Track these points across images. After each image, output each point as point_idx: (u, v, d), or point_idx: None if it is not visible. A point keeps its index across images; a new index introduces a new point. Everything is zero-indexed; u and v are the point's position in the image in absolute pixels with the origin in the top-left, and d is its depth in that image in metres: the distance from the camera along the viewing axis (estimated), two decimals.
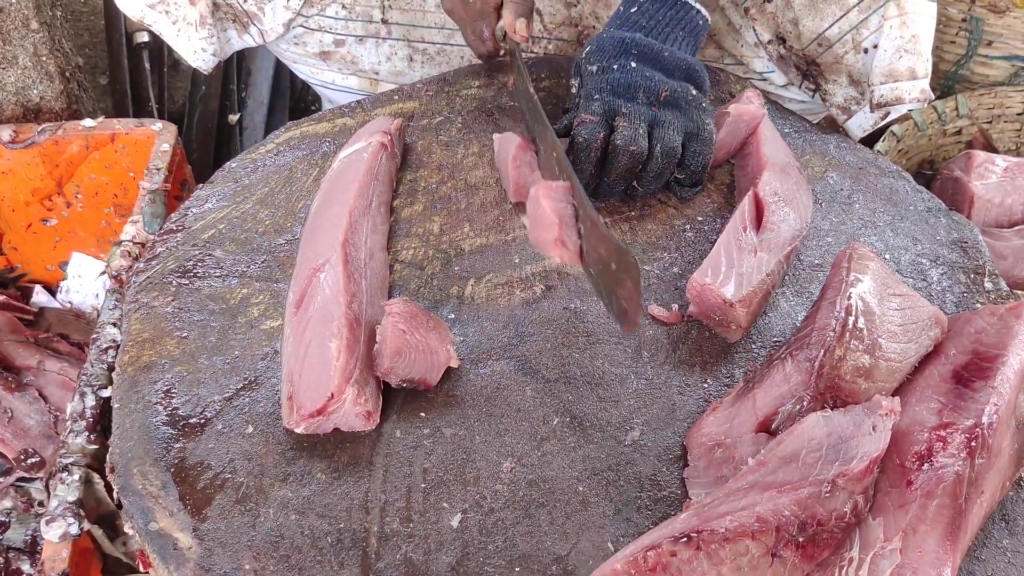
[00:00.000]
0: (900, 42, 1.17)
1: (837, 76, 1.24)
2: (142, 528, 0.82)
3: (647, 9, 1.12)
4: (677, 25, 1.11)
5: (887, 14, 1.18)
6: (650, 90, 1.06)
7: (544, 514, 0.81)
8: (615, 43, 1.09)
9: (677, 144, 1.04)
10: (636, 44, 1.09)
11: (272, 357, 0.93)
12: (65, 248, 1.48)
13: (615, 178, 1.05)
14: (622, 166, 1.03)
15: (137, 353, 0.94)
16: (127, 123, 1.36)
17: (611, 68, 1.08)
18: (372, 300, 0.93)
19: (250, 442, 0.87)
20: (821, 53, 1.23)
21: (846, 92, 1.24)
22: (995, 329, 0.89)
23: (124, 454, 0.86)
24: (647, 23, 1.11)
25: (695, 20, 1.13)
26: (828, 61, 1.23)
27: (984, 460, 0.78)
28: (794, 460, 0.77)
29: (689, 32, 1.12)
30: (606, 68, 1.08)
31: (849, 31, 1.20)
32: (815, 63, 1.24)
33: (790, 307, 0.99)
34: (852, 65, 1.22)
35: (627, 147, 1.02)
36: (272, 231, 1.06)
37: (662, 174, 1.06)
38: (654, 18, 1.11)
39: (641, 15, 1.12)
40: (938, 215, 1.11)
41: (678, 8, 1.12)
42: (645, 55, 1.08)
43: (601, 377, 0.92)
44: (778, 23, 1.26)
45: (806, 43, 1.23)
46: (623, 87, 1.06)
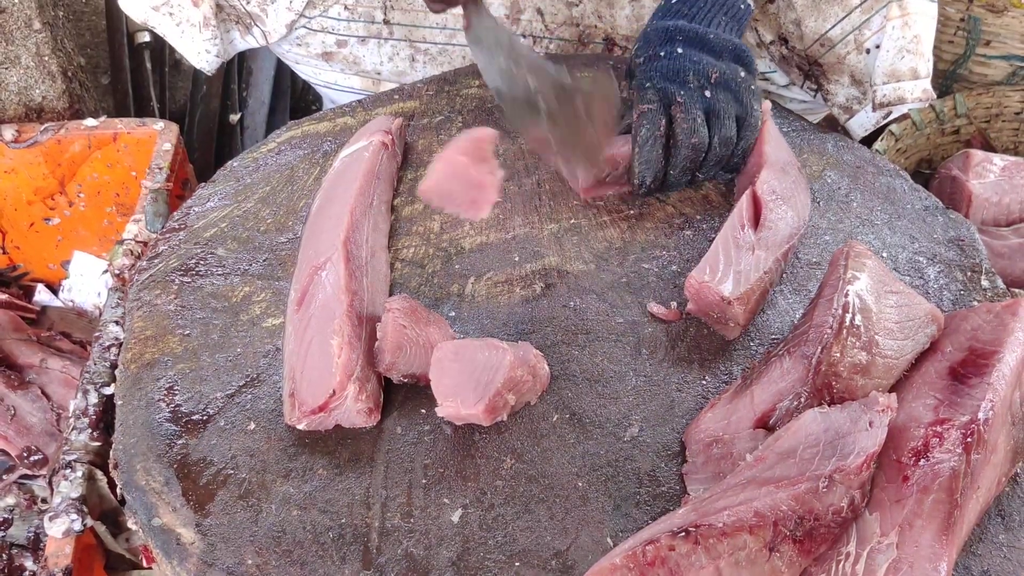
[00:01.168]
0: (902, 42, 1.17)
1: (839, 76, 1.24)
2: (145, 524, 0.82)
3: None
4: (720, 10, 1.12)
5: (889, 15, 1.18)
6: (700, 73, 1.07)
7: (544, 509, 0.82)
8: (659, 32, 1.10)
9: (733, 133, 1.06)
10: (680, 30, 1.10)
11: (274, 355, 0.94)
12: (67, 247, 1.49)
13: (680, 171, 1.07)
14: (685, 158, 1.05)
15: (140, 350, 0.95)
16: (129, 122, 1.37)
17: (658, 55, 1.09)
18: (373, 298, 0.94)
19: (252, 438, 0.87)
20: (823, 53, 1.24)
21: (848, 92, 1.25)
22: (991, 326, 0.89)
23: (127, 450, 0.87)
24: (689, 10, 1.12)
25: (737, 5, 1.14)
26: (830, 61, 1.24)
27: (980, 456, 0.79)
28: (791, 456, 0.78)
29: (732, 17, 1.13)
30: (653, 56, 1.09)
31: (851, 31, 1.21)
32: (817, 63, 1.25)
33: (788, 305, 1.00)
34: (854, 65, 1.22)
35: (688, 139, 1.04)
36: (274, 230, 1.07)
37: (721, 161, 1.08)
38: (696, 5, 1.12)
39: (683, 4, 1.13)
40: (935, 213, 1.12)
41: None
42: (691, 40, 1.09)
43: (600, 374, 0.93)
44: (780, 24, 1.26)
45: (808, 43, 1.24)
46: (673, 72, 1.07)
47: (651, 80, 1.07)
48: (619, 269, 1.03)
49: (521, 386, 0.86)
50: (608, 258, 1.04)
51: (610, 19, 1.39)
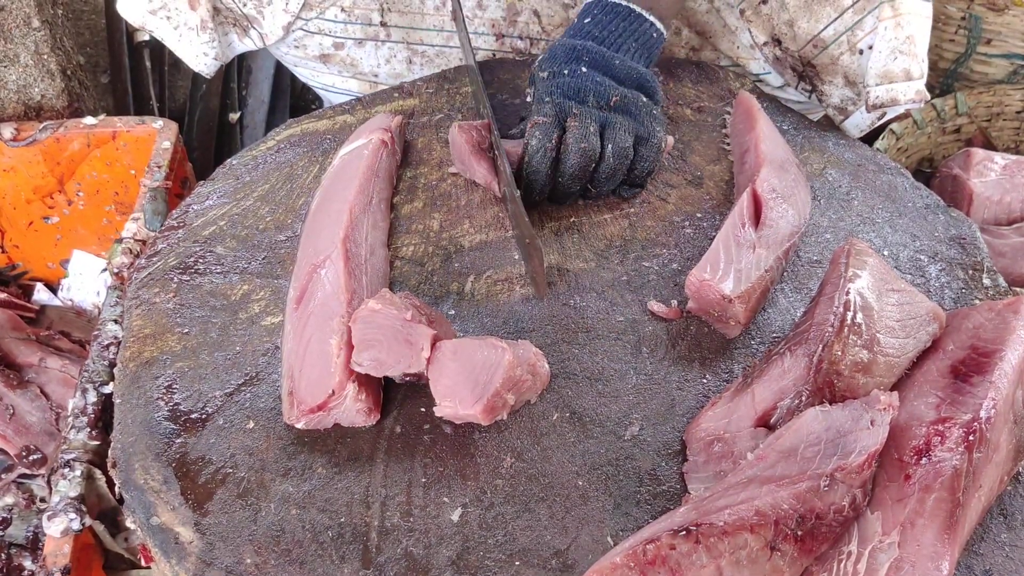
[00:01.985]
0: (895, 43, 1.17)
1: (833, 77, 1.24)
2: (144, 523, 0.82)
3: (600, 20, 1.13)
4: (630, 36, 1.12)
5: (881, 15, 1.18)
6: (600, 94, 1.06)
7: (544, 508, 0.82)
8: (566, 50, 1.10)
9: (628, 145, 1.04)
10: (587, 51, 1.09)
11: (273, 353, 0.94)
12: (66, 246, 1.48)
13: (569, 179, 1.05)
14: (575, 165, 1.03)
15: (139, 349, 0.95)
16: (128, 121, 1.36)
17: (562, 73, 1.08)
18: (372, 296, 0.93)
19: (251, 437, 0.87)
20: (817, 54, 1.23)
21: (842, 93, 1.24)
22: (993, 325, 0.89)
23: (126, 449, 0.87)
24: (599, 33, 1.12)
25: (648, 32, 1.13)
26: (824, 62, 1.23)
27: (982, 454, 0.79)
28: (793, 454, 0.78)
29: (642, 44, 1.13)
30: (556, 73, 1.08)
31: (844, 32, 1.20)
32: (811, 64, 1.25)
33: (789, 303, 1.00)
34: (848, 66, 1.22)
35: (578, 145, 1.02)
36: (273, 228, 1.07)
37: (615, 175, 1.06)
38: (607, 28, 1.12)
39: (594, 25, 1.12)
40: (936, 212, 1.11)
41: (631, 20, 1.12)
42: (596, 62, 1.08)
43: (601, 372, 0.92)
44: (773, 25, 1.26)
45: (801, 44, 1.24)
46: (573, 90, 1.06)
47: (551, 95, 1.07)
48: (619, 267, 1.03)
49: (520, 385, 0.85)
50: (608, 256, 1.04)
51: None
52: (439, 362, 0.83)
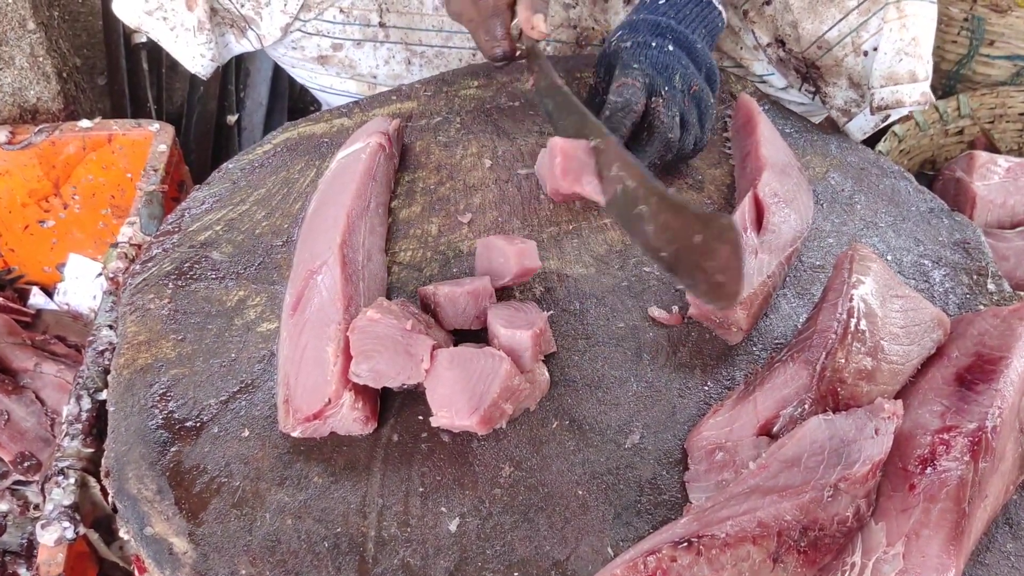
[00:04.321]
0: (900, 44, 1.16)
1: (837, 79, 1.23)
2: (137, 533, 0.81)
3: (675, 2, 1.11)
4: (701, 22, 1.10)
5: (887, 17, 1.17)
6: (686, 78, 1.04)
7: (543, 518, 0.81)
8: (650, 24, 1.07)
9: (690, 150, 1.05)
10: (671, 29, 1.07)
11: (269, 360, 0.93)
12: (62, 250, 1.47)
13: (647, 158, 1.02)
14: (656, 151, 1.02)
15: (133, 356, 0.93)
16: (124, 124, 1.35)
17: (649, 44, 1.05)
18: (370, 303, 0.92)
19: (246, 446, 0.86)
20: (821, 56, 1.22)
21: (846, 95, 1.23)
22: (998, 331, 0.88)
23: (119, 458, 0.85)
24: (676, 14, 1.10)
25: (715, 20, 1.13)
26: (828, 64, 1.22)
27: (988, 464, 0.77)
28: (796, 464, 0.76)
29: (710, 31, 1.12)
30: (643, 44, 1.05)
31: (849, 34, 1.19)
32: (815, 66, 1.24)
33: (791, 309, 0.99)
34: (852, 68, 1.21)
35: (665, 134, 1.01)
36: (269, 233, 1.06)
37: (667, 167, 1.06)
38: (681, 11, 1.10)
39: (669, 7, 1.11)
40: (940, 216, 1.10)
41: (703, 6, 1.11)
42: (681, 42, 1.06)
43: (601, 380, 0.91)
44: (777, 26, 1.25)
45: (805, 46, 1.23)
46: (662, 66, 1.03)
47: (639, 63, 1.03)
48: (620, 272, 1.01)
49: (519, 394, 0.84)
50: (609, 261, 1.03)
51: (605, 23, 1.38)
52: (436, 371, 0.82)
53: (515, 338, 0.86)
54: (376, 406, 0.86)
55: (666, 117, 1.00)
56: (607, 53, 1.08)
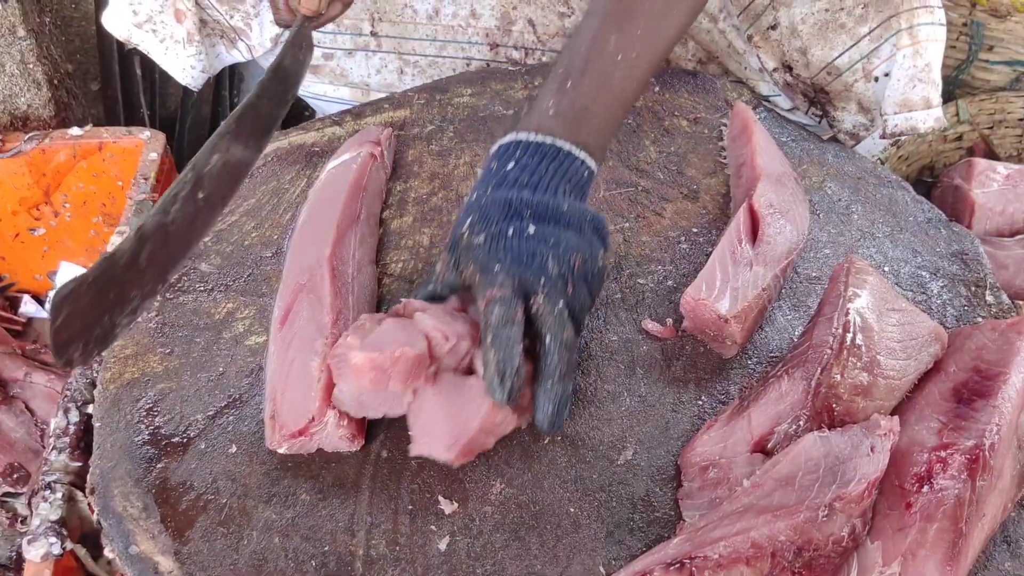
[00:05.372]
0: (913, 71, 1.14)
1: (846, 104, 1.21)
2: (122, 551, 0.80)
3: (526, 164, 0.91)
4: (563, 179, 0.91)
5: (899, 43, 1.15)
6: (561, 257, 0.85)
7: (534, 537, 0.79)
8: (500, 206, 0.88)
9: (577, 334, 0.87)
10: (527, 203, 0.88)
11: (257, 374, 0.91)
12: (53, 258, 1.46)
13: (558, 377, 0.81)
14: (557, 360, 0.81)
15: (120, 370, 0.92)
16: (115, 131, 1.34)
17: (505, 234, 0.86)
18: (360, 316, 0.91)
19: (234, 462, 0.85)
20: (830, 82, 1.20)
21: (855, 119, 1.21)
22: (996, 345, 0.87)
23: (104, 475, 0.84)
24: (530, 179, 0.90)
25: (580, 172, 0.93)
26: (837, 89, 1.20)
27: (985, 482, 0.76)
28: (790, 482, 0.75)
29: (575, 185, 0.93)
30: (498, 235, 0.86)
31: (860, 60, 1.17)
32: (823, 91, 1.22)
33: (787, 321, 0.97)
34: (862, 93, 1.19)
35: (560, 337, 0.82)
36: (259, 244, 1.04)
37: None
38: (536, 173, 0.90)
39: (521, 171, 0.91)
40: (938, 226, 1.09)
41: (561, 160, 0.92)
42: (542, 215, 0.88)
43: (593, 395, 0.90)
44: (784, 51, 1.23)
45: (815, 72, 1.21)
46: (529, 256, 0.85)
47: (500, 263, 0.84)
48: (613, 285, 1.00)
49: (503, 428, 0.82)
50: None
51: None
52: (418, 401, 0.80)
53: None
54: (363, 423, 0.85)
55: (554, 320, 0.82)
56: (459, 245, 0.88)
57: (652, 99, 1.24)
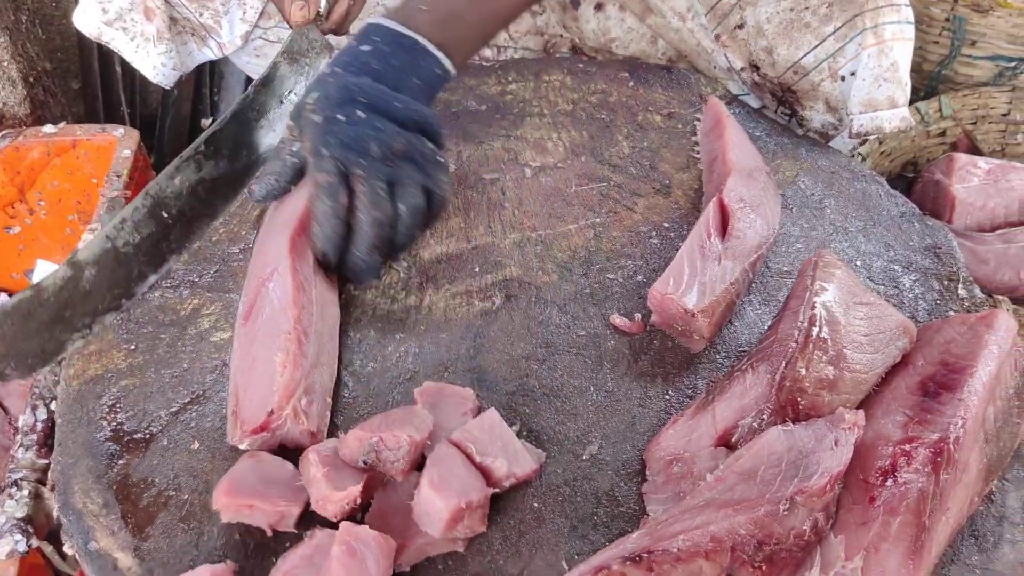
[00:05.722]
0: (878, 71, 1.14)
1: (814, 103, 1.21)
2: (81, 548, 0.79)
3: (381, 51, 0.98)
4: (412, 73, 0.98)
5: (864, 43, 1.14)
6: (383, 142, 0.93)
7: (496, 532, 0.79)
8: (340, 89, 0.94)
9: (421, 201, 0.95)
10: (364, 91, 0.94)
11: (221, 370, 0.91)
12: (29, 256, 1.45)
13: (365, 249, 0.94)
14: (371, 236, 0.93)
15: (83, 366, 0.92)
16: (88, 129, 1.33)
17: (336, 119, 0.93)
18: (323, 311, 0.90)
19: (196, 458, 0.84)
20: (797, 81, 1.20)
21: (823, 119, 1.21)
22: (965, 339, 0.86)
23: (65, 471, 0.84)
24: (379, 66, 0.97)
25: (432, 70, 1.00)
26: (804, 88, 1.20)
27: (950, 476, 0.76)
28: (752, 476, 0.75)
29: (425, 81, 1.00)
30: (331, 119, 0.93)
31: (825, 59, 1.17)
32: (791, 90, 1.21)
33: (757, 316, 0.97)
34: (829, 93, 1.19)
35: (371, 214, 0.92)
36: (226, 240, 1.04)
37: (411, 233, 0.96)
38: (387, 62, 0.98)
39: (372, 57, 0.98)
40: (912, 220, 1.08)
41: (416, 54, 0.99)
42: (375, 105, 0.94)
43: (560, 389, 0.89)
44: (751, 51, 1.22)
45: (781, 71, 1.20)
46: (352, 140, 0.92)
47: (328, 147, 0.92)
48: (582, 280, 1.00)
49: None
50: (571, 268, 1.01)
51: (577, 30, 1.35)
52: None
53: (432, 504, 0.75)
54: (325, 420, 0.84)
55: (367, 196, 0.91)
56: (300, 116, 0.96)
57: (626, 94, 1.23)
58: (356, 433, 0.77)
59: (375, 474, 0.79)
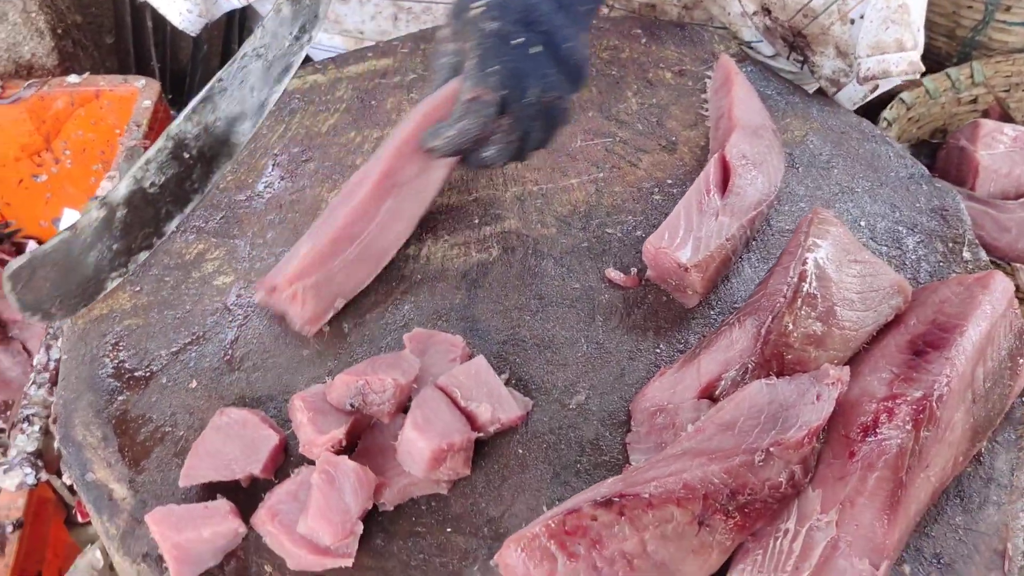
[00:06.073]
0: (886, 12, 1.11)
1: (824, 48, 1.18)
2: (79, 478, 0.82)
3: None
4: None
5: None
6: (545, 90, 0.91)
7: (480, 475, 0.80)
8: (523, 7, 0.92)
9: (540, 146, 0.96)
10: (543, 17, 0.92)
11: (222, 313, 0.93)
12: (56, 204, 1.49)
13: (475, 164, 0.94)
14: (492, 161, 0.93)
15: (89, 306, 0.94)
16: (111, 80, 1.36)
17: (508, 42, 0.90)
18: (389, 225, 0.95)
19: (193, 396, 0.86)
20: (807, 24, 1.17)
21: (834, 64, 1.19)
22: (960, 299, 0.85)
23: (67, 405, 0.86)
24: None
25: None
26: (814, 32, 1.18)
27: (931, 433, 0.75)
28: (731, 427, 0.75)
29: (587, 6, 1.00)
30: (505, 39, 0.90)
31: (835, 2, 1.14)
32: (801, 34, 1.19)
33: (754, 273, 0.96)
34: (839, 37, 1.16)
35: (500, 152, 0.92)
36: (233, 187, 1.05)
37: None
38: None
39: None
40: (920, 182, 1.07)
41: None
42: (551, 40, 0.92)
43: (551, 340, 0.90)
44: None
45: (791, 14, 1.18)
46: (520, 76, 0.90)
47: (496, 72, 0.90)
48: (581, 234, 1.00)
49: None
50: (571, 222, 1.01)
51: None
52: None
53: (414, 445, 0.77)
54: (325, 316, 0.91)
55: (504, 138, 0.91)
56: (463, 16, 0.93)
57: (638, 51, 1.22)
58: (343, 377, 0.79)
59: (362, 417, 0.81)
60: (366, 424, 0.82)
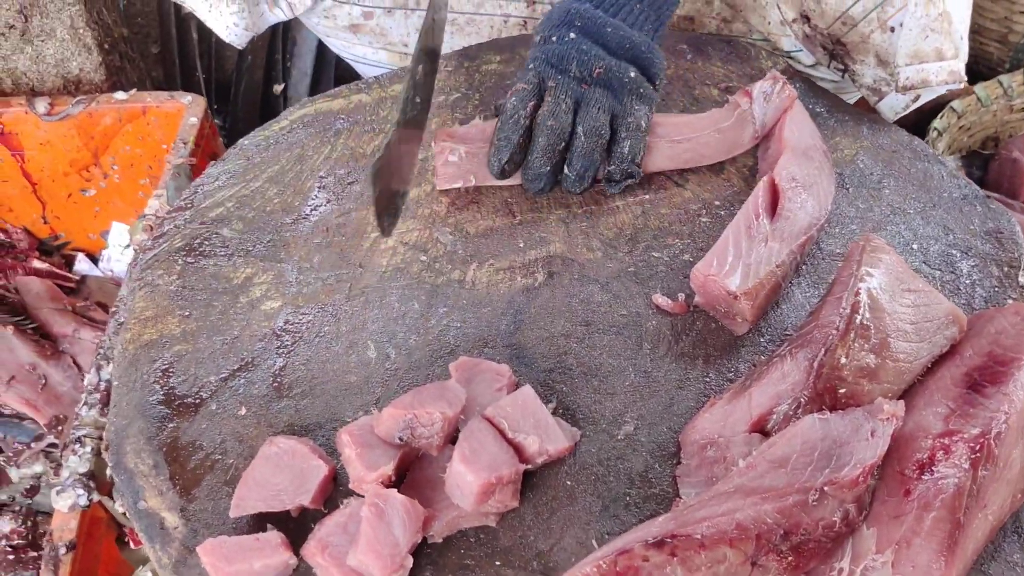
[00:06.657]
0: (926, 20, 1.09)
1: (864, 56, 1.16)
2: (131, 506, 0.83)
3: None
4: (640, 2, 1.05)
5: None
6: (584, 64, 1.00)
7: (528, 508, 0.80)
8: (561, 13, 1.03)
9: (603, 124, 0.99)
10: (580, 15, 1.02)
11: (270, 339, 0.93)
12: (105, 218, 1.51)
13: (537, 155, 1.00)
14: (542, 143, 0.99)
15: (139, 331, 0.95)
16: (158, 96, 1.37)
17: (550, 39, 1.03)
18: None
19: (242, 424, 0.87)
20: (846, 32, 1.16)
21: (875, 73, 1.17)
22: (1016, 330, 0.83)
23: (119, 432, 0.87)
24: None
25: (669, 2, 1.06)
26: (854, 40, 1.16)
27: (989, 472, 0.74)
28: (784, 464, 0.74)
29: (652, 7, 1.05)
30: (546, 39, 1.03)
31: (874, 9, 1.12)
32: (841, 43, 1.17)
33: (805, 298, 0.95)
34: (879, 45, 1.14)
35: (546, 122, 0.98)
36: (280, 210, 1.06)
37: (589, 155, 1.00)
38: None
39: None
40: (974, 203, 1.05)
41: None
42: (587, 28, 1.02)
43: (598, 368, 0.90)
44: (801, 1, 1.19)
45: (830, 21, 1.16)
46: (556, 58, 1.01)
47: (535, 62, 1.02)
48: (627, 258, 0.99)
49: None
50: (617, 246, 1.00)
51: None
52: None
53: (463, 478, 0.76)
54: None
55: (550, 104, 0.98)
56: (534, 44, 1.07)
57: (683, 67, 1.21)
58: (390, 411, 0.79)
59: (410, 450, 0.81)
60: (414, 456, 0.82)
